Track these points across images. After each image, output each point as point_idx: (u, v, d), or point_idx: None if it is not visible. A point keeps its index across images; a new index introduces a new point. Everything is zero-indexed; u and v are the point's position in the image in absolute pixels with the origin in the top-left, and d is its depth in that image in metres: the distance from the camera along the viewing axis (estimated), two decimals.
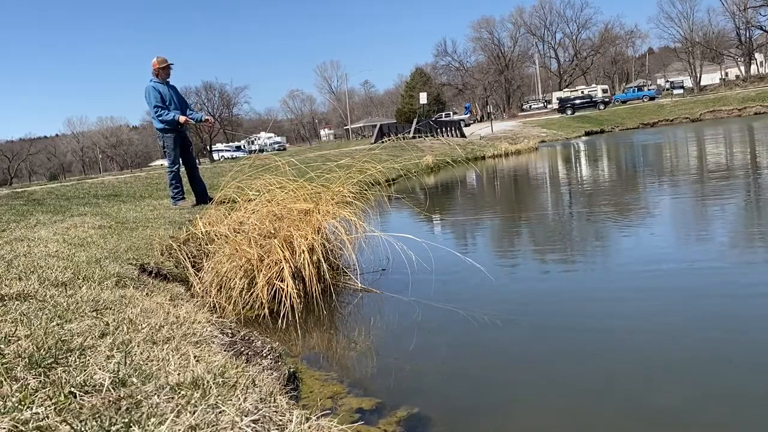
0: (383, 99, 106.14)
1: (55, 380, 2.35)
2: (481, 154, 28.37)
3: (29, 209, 9.47)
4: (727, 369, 3.42)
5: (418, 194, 16.26)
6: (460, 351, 4.13)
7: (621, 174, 16.35)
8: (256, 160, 7.73)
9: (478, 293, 5.44)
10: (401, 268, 5.65)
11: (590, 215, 9.63)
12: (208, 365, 2.81)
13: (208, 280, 5.43)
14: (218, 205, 7.02)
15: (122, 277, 4.83)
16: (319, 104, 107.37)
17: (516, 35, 77.65)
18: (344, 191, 6.27)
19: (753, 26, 64.21)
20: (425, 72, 72.02)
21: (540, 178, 18.31)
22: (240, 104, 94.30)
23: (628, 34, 79.80)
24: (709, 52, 69.15)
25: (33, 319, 3.25)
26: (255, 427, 2.13)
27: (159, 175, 18.41)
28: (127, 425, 1.96)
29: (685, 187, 11.74)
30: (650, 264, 5.81)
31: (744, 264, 5.53)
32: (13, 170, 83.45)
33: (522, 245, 7.91)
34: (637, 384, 3.34)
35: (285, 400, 2.63)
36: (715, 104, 48.30)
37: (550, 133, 42.61)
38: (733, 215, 8.10)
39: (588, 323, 4.43)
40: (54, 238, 6.76)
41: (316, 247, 5.49)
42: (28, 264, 5.15)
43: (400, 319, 4.85)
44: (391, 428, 2.96)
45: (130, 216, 8.95)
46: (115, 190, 13.90)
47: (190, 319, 3.79)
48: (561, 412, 3.14)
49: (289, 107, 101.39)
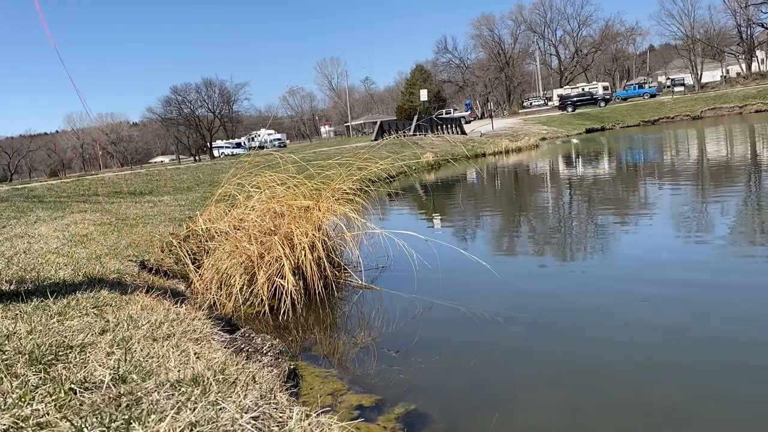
0: (383, 96, 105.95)
1: (56, 377, 2.35)
2: (481, 152, 28.34)
3: (29, 206, 9.47)
4: (728, 369, 3.42)
5: (418, 191, 16.26)
6: (460, 348, 4.13)
7: (621, 171, 16.33)
8: (256, 157, 7.72)
9: (478, 290, 5.44)
10: (402, 264, 5.65)
11: (591, 212, 9.62)
12: (208, 362, 2.81)
13: (208, 277, 5.44)
14: (218, 202, 7.02)
15: (122, 274, 4.83)
16: (320, 101, 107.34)
17: (516, 32, 77.51)
18: (345, 188, 6.27)
19: (754, 23, 64.05)
20: (426, 69, 71.88)
21: (541, 175, 18.29)
22: (240, 101, 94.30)
23: (629, 31, 79.69)
24: (710, 49, 68.98)
25: (33, 316, 3.25)
26: (255, 424, 2.13)
27: (159, 171, 18.40)
28: (127, 422, 1.95)
29: (684, 184, 11.72)
30: (651, 261, 5.81)
31: (745, 259, 5.53)
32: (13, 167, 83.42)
33: (523, 242, 7.90)
34: (638, 381, 3.34)
35: (285, 396, 2.63)
36: (716, 102, 48.18)
37: (550, 130, 42.54)
38: (734, 211, 8.08)
39: (588, 321, 4.43)
40: (54, 234, 6.76)
41: (316, 244, 5.49)
42: (28, 261, 5.15)
43: (401, 315, 4.86)
44: (390, 425, 2.96)
45: (130, 213, 8.95)
46: (115, 187, 13.90)
47: (190, 316, 3.79)
48: (560, 409, 3.14)
49: (289, 104, 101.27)
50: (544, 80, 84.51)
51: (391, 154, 9.88)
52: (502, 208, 11.72)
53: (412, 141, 26.79)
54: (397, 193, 11.20)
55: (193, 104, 76.42)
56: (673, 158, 18.25)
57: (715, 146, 21.18)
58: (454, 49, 78.67)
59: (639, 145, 25.64)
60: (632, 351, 3.76)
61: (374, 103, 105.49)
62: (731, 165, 14.38)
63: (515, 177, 18.80)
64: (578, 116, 49.83)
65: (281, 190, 6.29)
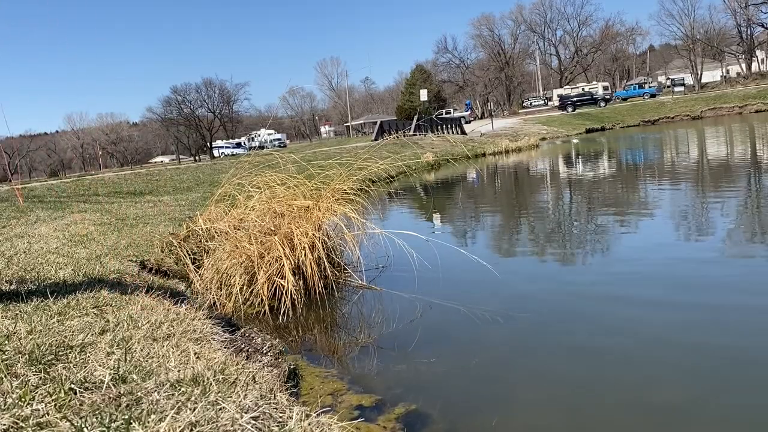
0: (383, 96, 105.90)
1: (56, 377, 2.35)
2: (481, 151, 28.34)
3: (29, 206, 9.47)
4: (728, 369, 3.42)
5: (418, 191, 16.26)
6: (460, 348, 4.13)
7: (621, 171, 16.33)
8: (256, 157, 7.72)
9: (479, 290, 5.44)
10: (402, 264, 5.65)
11: (591, 212, 9.62)
12: (208, 362, 2.81)
13: (208, 277, 5.44)
14: (218, 202, 7.02)
15: (122, 274, 4.84)
16: (320, 101, 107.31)
17: (516, 32, 77.50)
18: (345, 188, 6.27)
19: (754, 23, 64.03)
20: (426, 69, 71.86)
21: (541, 175, 18.29)
22: (240, 101, 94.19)
23: (629, 31, 79.69)
24: (710, 49, 68.95)
25: (33, 316, 3.25)
26: (255, 424, 2.13)
27: (159, 171, 18.40)
28: (127, 422, 1.95)
29: (684, 184, 11.72)
30: (651, 261, 5.80)
31: (746, 259, 5.53)
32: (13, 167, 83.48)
33: (523, 242, 7.90)
34: (638, 381, 3.34)
35: (285, 396, 2.63)
36: (716, 102, 48.16)
37: (550, 130, 42.53)
38: (734, 211, 8.08)
39: (589, 320, 4.43)
40: (54, 234, 6.76)
41: (316, 243, 5.49)
42: (28, 261, 5.15)
43: (401, 316, 4.85)
44: (390, 425, 2.96)
45: (130, 213, 8.96)
46: (115, 187, 13.90)
47: (190, 316, 3.79)
48: (560, 409, 3.14)
49: (289, 104, 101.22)
50: (544, 80, 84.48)
51: (391, 154, 9.89)
52: (503, 208, 11.72)
53: (412, 141, 26.79)
54: (397, 193, 11.20)
55: (193, 104, 76.45)
56: (673, 158, 18.25)
57: (715, 146, 21.18)
58: (454, 49, 78.64)
59: (639, 145, 25.63)
60: (632, 351, 3.75)
61: (374, 103, 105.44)
62: (731, 165, 14.38)
63: (515, 177, 18.80)
64: (578, 116, 49.82)
65: (281, 190, 6.29)
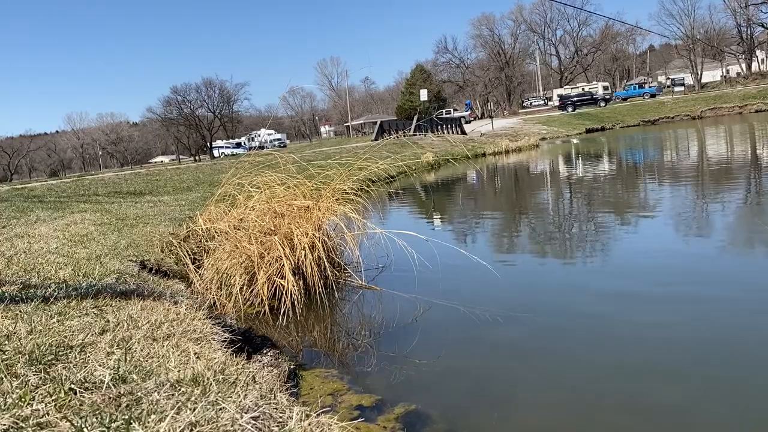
0: (383, 96, 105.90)
1: (56, 377, 2.35)
2: (481, 151, 28.34)
3: (29, 206, 9.47)
4: (729, 369, 3.42)
5: (418, 191, 16.26)
6: (460, 348, 4.13)
7: (621, 171, 16.33)
8: (256, 157, 7.72)
9: (478, 290, 5.44)
10: (402, 264, 5.65)
11: (591, 212, 9.62)
12: (208, 362, 2.81)
13: (208, 277, 5.44)
14: (218, 202, 7.02)
15: (122, 274, 4.84)
16: (320, 101, 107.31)
17: (516, 32, 77.53)
18: (345, 188, 6.27)
19: (754, 23, 64.03)
20: (425, 69, 71.81)
21: (541, 175, 18.29)
22: (240, 101, 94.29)
23: (629, 31, 79.73)
24: (710, 49, 68.95)
25: (33, 316, 3.25)
26: (255, 424, 2.13)
27: (159, 171, 18.41)
28: (127, 422, 1.95)
29: (684, 184, 11.72)
30: (651, 261, 5.80)
31: (746, 258, 5.53)
32: (13, 167, 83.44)
33: (523, 242, 7.90)
34: (638, 381, 3.34)
35: (285, 396, 2.63)
36: (716, 101, 48.15)
37: (550, 130, 42.52)
38: (734, 211, 8.08)
39: (589, 320, 4.42)
40: (54, 234, 6.76)
41: (316, 243, 5.49)
42: (28, 261, 5.15)
43: (401, 316, 4.85)
44: (390, 425, 2.96)
45: (130, 212, 8.96)
46: (115, 187, 13.91)
47: (190, 316, 3.79)
48: (561, 409, 3.14)
49: (289, 104, 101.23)
50: (544, 80, 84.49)
51: (391, 154, 9.89)
52: (502, 208, 11.72)
53: (412, 141, 26.80)
54: (397, 193, 11.20)
55: (193, 104, 76.51)
56: (673, 158, 18.25)
57: (715, 146, 21.18)
58: (454, 49, 78.60)
59: (639, 145, 25.63)
60: (632, 351, 3.75)
61: (374, 103, 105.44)
62: (731, 165, 14.37)
63: (515, 177, 18.79)
64: (578, 116, 49.81)
65: (281, 190, 6.29)
